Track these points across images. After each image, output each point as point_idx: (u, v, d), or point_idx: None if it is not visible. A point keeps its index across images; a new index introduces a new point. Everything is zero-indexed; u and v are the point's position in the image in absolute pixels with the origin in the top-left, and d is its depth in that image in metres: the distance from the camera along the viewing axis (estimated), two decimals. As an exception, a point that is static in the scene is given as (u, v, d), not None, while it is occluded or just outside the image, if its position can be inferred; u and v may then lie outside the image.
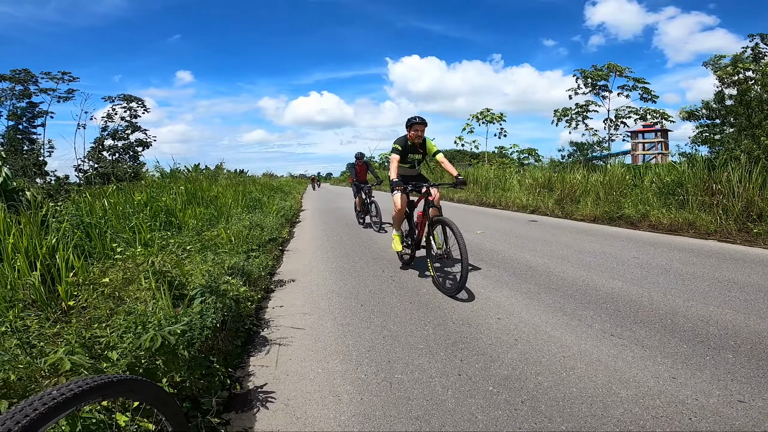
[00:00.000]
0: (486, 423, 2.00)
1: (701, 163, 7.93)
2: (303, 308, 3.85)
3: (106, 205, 4.65)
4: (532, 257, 5.40)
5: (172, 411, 1.31)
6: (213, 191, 8.14)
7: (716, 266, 4.60)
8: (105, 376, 1.05)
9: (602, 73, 32.36)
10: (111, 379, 1.06)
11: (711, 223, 6.58)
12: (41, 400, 0.89)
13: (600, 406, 2.07)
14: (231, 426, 2.11)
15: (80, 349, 1.82)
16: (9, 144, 32.51)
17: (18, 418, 0.84)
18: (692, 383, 2.25)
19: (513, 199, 12.07)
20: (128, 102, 39.28)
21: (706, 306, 3.38)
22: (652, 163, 19.71)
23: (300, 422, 2.11)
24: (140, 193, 5.92)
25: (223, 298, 2.80)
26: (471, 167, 26.47)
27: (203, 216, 6.13)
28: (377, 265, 5.40)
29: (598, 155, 32.35)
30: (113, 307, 2.55)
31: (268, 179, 22.58)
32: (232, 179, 12.18)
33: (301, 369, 2.67)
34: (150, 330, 1.94)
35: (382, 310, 3.67)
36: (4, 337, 2.11)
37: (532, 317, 3.32)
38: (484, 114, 40.60)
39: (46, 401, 0.89)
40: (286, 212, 10.49)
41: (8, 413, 0.85)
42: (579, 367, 2.48)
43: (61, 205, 4.47)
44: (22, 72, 34.31)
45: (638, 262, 4.89)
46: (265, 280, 4.66)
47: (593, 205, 9.27)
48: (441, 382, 2.40)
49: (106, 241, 3.73)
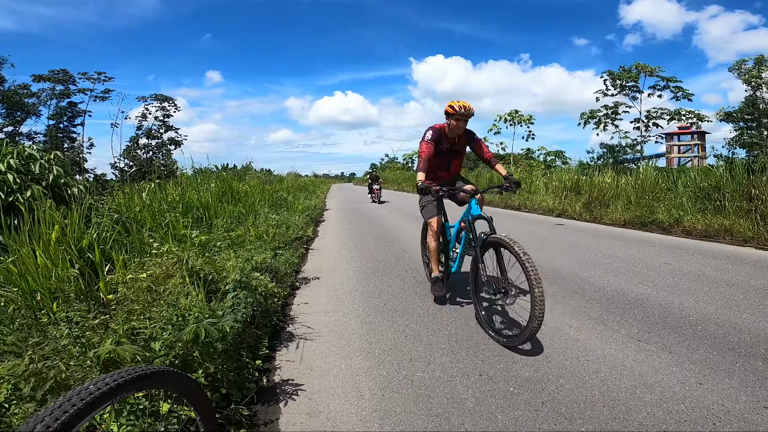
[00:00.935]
0: (505, 423, 2.02)
1: (740, 166, 7.61)
2: (327, 306, 3.94)
3: (144, 202, 4.88)
4: (558, 261, 5.32)
5: (201, 402, 1.34)
6: (242, 189, 8.38)
7: (752, 274, 4.42)
8: (140, 369, 1.07)
9: (631, 75, 31.24)
10: (145, 371, 1.07)
11: (748, 229, 6.31)
12: (79, 395, 0.90)
13: (622, 409, 2.06)
14: (257, 418, 2.20)
15: (126, 340, 1.94)
16: (51, 142, 34.15)
17: (57, 415, 0.85)
18: (719, 389, 2.21)
19: (539, 202, 11.88)
20: (161, 102, 40.68)
21: (739, 314, 3.27)
22: (687, 167, 19.00)
23: (323, 416, 2.18)
24: (174, 190, 6.18)
25: (254, 294, 2.91)
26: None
27: (232, 213, 6.34)
28: (400, 264, 5.45)
29: (630, 158, 31.33)
30: (150, 301, 2.70)
31: (294, 178, 22.98)
32: (261, 179, 12.48)
33: (325, 365, 2.75)
34: (190, 322, 2.05)
35: (405, 309, 3.72)
36: (51, 328, 2.28)
37: (556, 321, 3.29)
38: (512, 115, 39.95)
39: (84, 396, 0.90)
40: (310, 211, 10.68)
41: (47, 410, 0.86)
42: (603, 370, 2.46)
43: (102, 200, 4.72)
44: (60, 72, 35.93)
45: (670, 269, 4.75)
46: (291, 277, 4.79)
47: (624, 209, 9.02)
48: (462, 381, 2.43)
49: (144, 236, 3.92)
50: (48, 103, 35.29)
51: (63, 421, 0.84)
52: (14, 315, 2.48)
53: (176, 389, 1.25)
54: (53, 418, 0.84)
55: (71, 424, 0.86)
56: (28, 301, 2.60)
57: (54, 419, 0.84)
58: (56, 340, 1.98)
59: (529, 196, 12.96)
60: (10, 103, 32.67)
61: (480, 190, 3.54)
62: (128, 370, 1.04)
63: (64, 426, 0.84)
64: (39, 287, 2.66)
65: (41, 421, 0.84)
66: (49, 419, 0.84)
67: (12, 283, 2.68)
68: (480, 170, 22.45)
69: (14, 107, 33.13)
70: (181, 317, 2.15)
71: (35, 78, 34.74)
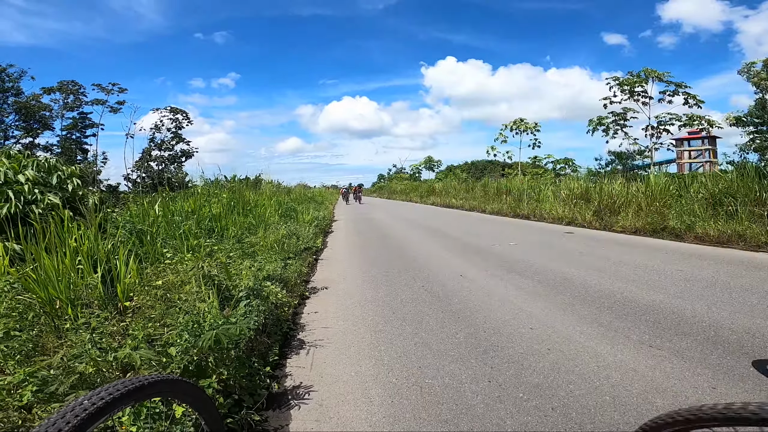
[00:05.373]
0: (515, 428, 2.02)
1: (752, 171, 7.53)
2: (336, 314, 3.97)
3: (158, 213, 4.99)
4: (568, 269, 5.30)
5: (207, 409, 1.30)
6: (252, 200, 8.49)
7: (766, 279, 4.36)
8: (136, 379, 1.02)
9: (639, 79, 31.03)
10: (142, 382, 1.02)
11: (762, 234, 6.22)
12: (73, 412, 0.84)
13: (633, 414, 2.05)
14: (268, 423, 2.23)
15: (144, 345, 1.99)
16: (63, 153, 34.77)
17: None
18: (733, 393, 2.19)
19: (548, 211, 11.84)
20: (174, 114, 41.40)
21: (752, 319, 3.23)
22: (699, 172, 18.79)
23: (333, 422, 2.20)
24: (187, 201, 6.30)
25: (266, 302, 2.96)
26: (504, 178, 26.13)
27: (243, 224, 6.43)
28: (408, 274, 5.46)
29: (640, 164, 31.05)
30: (165, 308, 2.76)
31: (303, 189, 23.18)
32: (271, 190, 12.63)
33: (334, 372, 2.78)
34: (206, 329, 2.10)
35: (414, 318, 3.73)
36: (71, 333, 2.34)
37: (566, 327, 3.28)
38: (518, 124, 39.97)
39: (78, 413, 0.85)
40: (319, 222, 10.77)
41: (40, 427, 0.81)
42: (614, 376, 2.45)
43: (117, 211, 4.84)
44: (70, 83, 36.70)
45: (682, 275, 4.71)
46: (301, 287, 4.83)
47: (634, 216, 8.94)
48: (471, 387, 2.43)
49: (157, 246, 4.01)
50: (62, 113, 36.07)
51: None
52: (33, 321, 2.55)
53: (181, 397, 1.22)
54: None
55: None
56: (47, 308, 2.68)
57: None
58: (79, 345, 2.04)
59: (538, 204, 12.92)
60: (28, 114, 33.50)
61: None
62: (125, 382, 0.99)
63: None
64: (58, 295, 2.74)
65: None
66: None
67: (31, 291, 2.75)
68: (486, 180, 22.48)
69: (31, 118, 33.95)
70: (197, 324, 2.20)
71: (45, 90, 35.54)
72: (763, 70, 21.19)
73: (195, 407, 1.28)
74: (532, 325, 3.38)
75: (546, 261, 5.84)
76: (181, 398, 1.24)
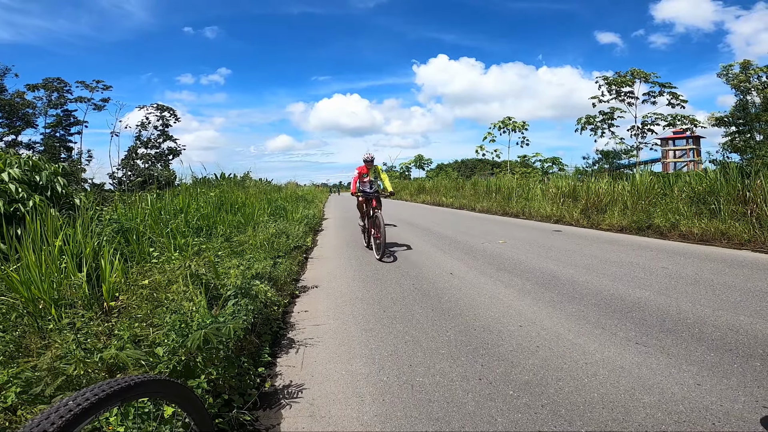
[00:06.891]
0: (505, 425, 2.04)
1: (734, 170, 7.68)
2: (327, 313, 3.96)
3: (145, 211, 4.91)
4: (556, 267, 5.36)
5: (196, 409, 1.30)
6: (241, 198, 8.41)
7: (749, 276, 4.46)
8: (122, 380, 1.01)
9: (626, 80, 31.47)
10: (129, 382, 1.01)
11: (744, 232, 6.36)
12: (58, 413, 0.84)
13: (621, 410, 2.08)
14: (259, 423, 2.22)
15: (130, 345, 1.96)
16: (47, 151, 33.99)
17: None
18: (718, 390, 2.23)
19: (537, 209, 11.93)
20: (161, 111, 40.75)
21: (736, 315, 3.30)
22: (683, 171, 19.13)
23: (324, 421, 2.19)
24: (176, 198, 6.21)
25: (255, 301, 2.94)
26: (493, 176, 26.33)
27: (231, 223, 6.36)
28: (399, 272, 5.47)
29: (626, 163, 31.49)
30: (152, 308, 2.72)
31: (293, 187, 23.04)
32: (260, 188, 12.52)
33: (325, 370, 2.77)
34: (194, 329, 2.07)
35: (405, 316, 3.74)
36: (54, 334, 2.29)
37: (555, 325, 3.32)
38: (506, 122, 40.25)
39: (63, 414, 0.84)
40: (309, 221, 10.70)
41: (24, 428, 0.82)
42: (601, 373, 2.49)
43: (104, 210, 4.75)
44: (56, 80, 35.88)
45: (667, 273, 4.79)
46: (291, 285, 4.80)
47: (620, 214, 9.08)
48: (461, 385, 2.44)
49: (144, 245, 3.94)
50: (45, 110, 35.27)
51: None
52: (16, 322, 2.50)
53: (169, 397, 1.21)
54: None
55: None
56: (30, 308, 2.62)
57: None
58: (63, 346, 2.00)
59: (527, 203, 13.03)
60: (11, 112, 32.71)
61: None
62: (110, 382, 0.98)
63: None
64: (42, 295, 2.68)
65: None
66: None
67: (14, 291, 2.69)
68: (476, 178, 22.66)
69: (14, 116, 33.16)
70: (184, 323, 2.17)
71: (29, 87, 34.79)
72: (742, 72, 21.64)
73: (184, 407, 1.27)
74: (521, 322, 3.42)
75: (535, 259, 5.90)
76: (170, 398, 1.23)
